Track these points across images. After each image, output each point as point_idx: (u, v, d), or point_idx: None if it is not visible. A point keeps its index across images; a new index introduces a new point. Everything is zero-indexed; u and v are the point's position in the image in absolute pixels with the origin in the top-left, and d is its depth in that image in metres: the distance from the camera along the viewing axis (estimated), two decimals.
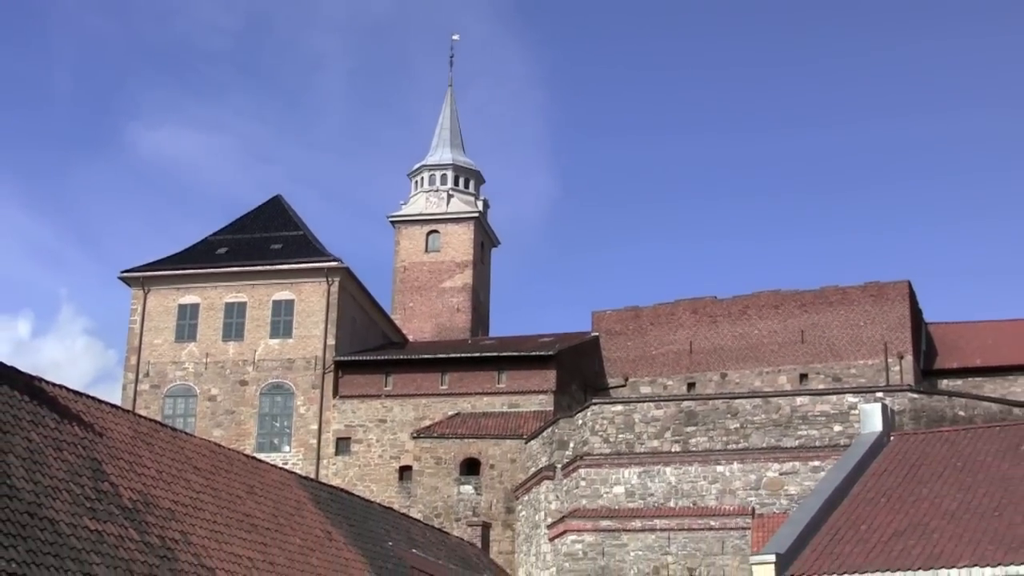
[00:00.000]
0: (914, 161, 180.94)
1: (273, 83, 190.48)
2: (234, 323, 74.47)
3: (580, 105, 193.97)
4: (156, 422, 29.85)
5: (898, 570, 27.99)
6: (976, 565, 27.27)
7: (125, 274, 76.35)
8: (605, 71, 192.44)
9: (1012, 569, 26.79)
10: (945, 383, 72.16)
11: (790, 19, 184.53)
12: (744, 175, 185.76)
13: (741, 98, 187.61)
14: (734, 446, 55.81)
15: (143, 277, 75.92)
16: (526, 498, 63.63)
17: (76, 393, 25.67)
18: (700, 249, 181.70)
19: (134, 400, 72.19)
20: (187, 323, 74.88)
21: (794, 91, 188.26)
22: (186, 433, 31.03)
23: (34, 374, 24.57)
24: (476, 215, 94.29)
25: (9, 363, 24.01)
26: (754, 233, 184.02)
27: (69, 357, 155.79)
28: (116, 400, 60.46)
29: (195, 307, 75.05)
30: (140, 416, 29.41)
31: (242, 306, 74.66)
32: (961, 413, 54.72)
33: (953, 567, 27.47)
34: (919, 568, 27.83)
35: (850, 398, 55.22)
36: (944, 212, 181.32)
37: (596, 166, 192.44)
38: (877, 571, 28.18)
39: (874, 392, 55.74)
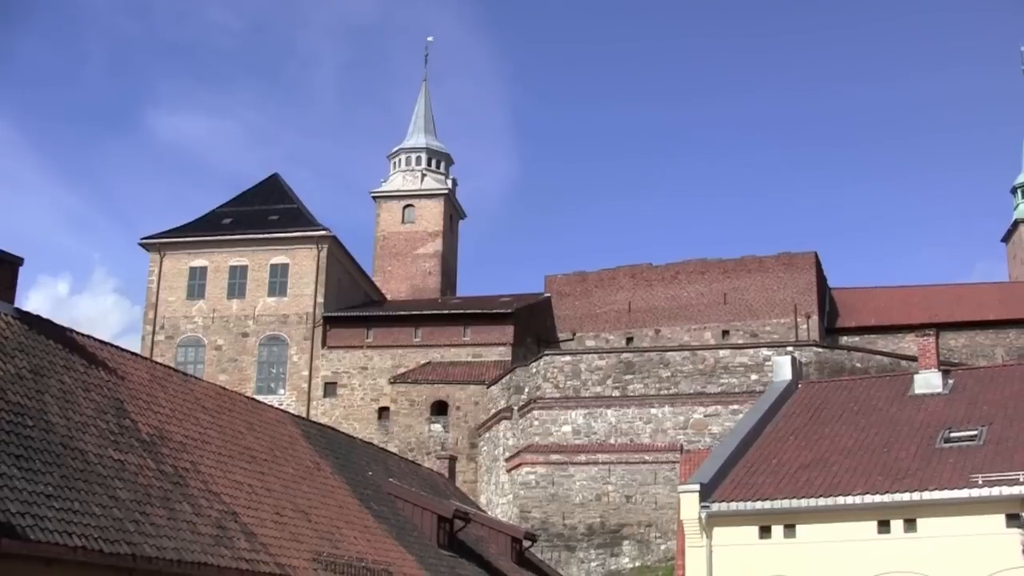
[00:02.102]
0: (819, 134, 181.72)
1: (273, 77, 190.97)
2: (237, 283, 74.38)
3: (538, 99, 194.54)
4: (170, 368, 29.82)
5: (803, 497, 28.23)
6: (868, 493, 27.56)
7: (144, 240, 76.22)
8: (560, 68, 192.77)
9: (898, 496, 27.10)
10: (845, 339, 72.65)
11: None
12: (678, 146, 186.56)
13: (679, 69, 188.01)
14: (666, 392, 56.13)
15: (159, 243, 75.80)
16: (487, 435, 63.85)
17: (101, 342, 25.64)
18: (638, 217, 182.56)
19: (151, 349, 72.04)
20: (197, 283, 74.74)
21: (725, 62, 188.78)
22: (195, 378, 30.97)
23: (67, 326, 24.59)
24: (446, 192, 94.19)
25: (49, 317, 24.10)
26: (685, 200, 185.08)
27: (101, 313, 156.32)
28: (136, 349, 60.37)
29: (204, 269, 74.90)
30: (156, 363, 29.36)
31: (244, 269, 74.54)
32: (858, 365, 55.23)
33: (849, 495, 27.73)
34: (820, 496, 28.09)
35: (765, 351, 55.63)
36: (849, 184, 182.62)
37: (551, 150, 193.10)
38: (786, 498, 28.41)
39: (785, 347, 56.20)
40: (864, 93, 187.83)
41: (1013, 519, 25.85)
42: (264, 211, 77.91)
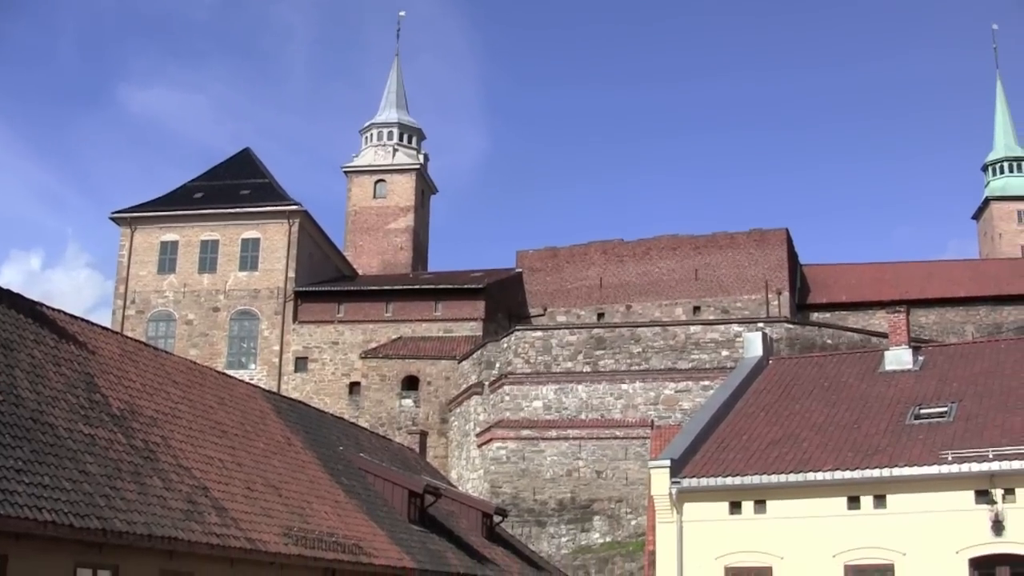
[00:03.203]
0: (791, 114, 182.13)
1: (245, 51, 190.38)
2: (208, 258, 74.13)
3: (509, 74, 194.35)
4: (141, 342, 29.72)
5: (773, 473, 28.33)
6: (838, 469, 27.67)
7: (115, 215, 75.86)
8: (532, 46, 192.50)
9: (867, 472, 27.21)
10: (816, 316, 72.98)
11: None
12: (651, 124, 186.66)
13: (652, 49, 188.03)
14: (637, 367, 56.22)
15: (130, 217, 75.44)
16: (458, 410, 63.88)
17: (72, 317, 25.56)
18: (610, 195, 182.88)
19: (122, 323, 71.89)
20: (168, 257, 74.45)
21: (699, 43, 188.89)
22: (166, 352, 30.90)
23: (37, 300, 24.49)
24: (417, 167, 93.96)
25: (21, 292, 23.99)
26: (656, 177, 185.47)
27: (74, 287, 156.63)
28: (107, 323, 60.15)
29: (175, 244, 74.62)
30: (127, 337, 29.28)
31: (215, 243, 74.29)
32: (828, 341, 55.44)
33: (819, 471, 27.84)
34: (791, 472, 28.19)
35: (736, 327, 55.75)
36: (822, 164, 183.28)
37: (522, 125, 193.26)
38: (756, 474, 28.51)
39: (756, 323, 56.36)
40: (837, 73, 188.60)
41: (982, 495, 26.02)
42: (235, 185, 77.62)
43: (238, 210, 74.70)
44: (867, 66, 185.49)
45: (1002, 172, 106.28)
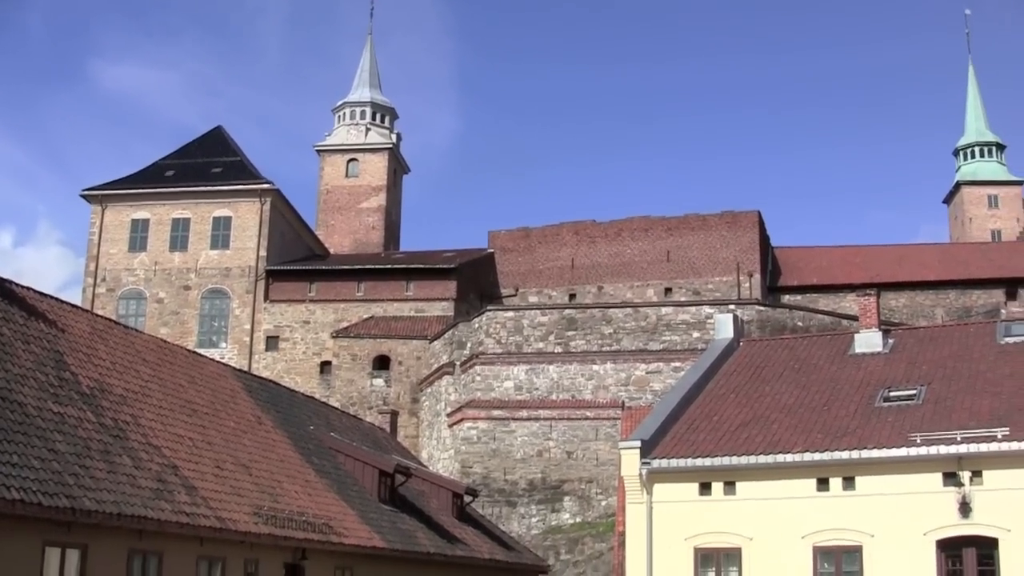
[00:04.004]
0: (764, 98, 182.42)
1: (219, 28, 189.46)
2: (179, 236, 73.96)
3: (483, 54, 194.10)
4: (111, 320, 29.60)
5: (743, 455, 28.38)
6: (807, 451, 27.74)
7: (86, 192, 75.60)
8: (506, 26, 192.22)
9: (836, 454, 27.30)
10: (787, 298, 73.11)
11: None
12: (624, 106, 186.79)
13: (625, 31, 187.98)
14: (608, 348, 56.33)
15: (101, 195, 75.19)
16: (429, 390, 63.90)
17: (41, 294, 25.41)
18: (582, 176, 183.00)
19: (92, 301, 71.69)
20: (139, 235, 74.24)
21: (672, 26, 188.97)
22: (136, 330, 30.75)
23: (7, 277, 24.33)
24: (390, 146, 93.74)
25: None
26: (629, 159, 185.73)
27: (45, 265, 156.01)
28: (77, 301, 59.88)
29: (146, 222, 74.41)
30: (97, 315, 29.13)
31: (186, 221, 74.10)
32: (799, 323, 55.64)
33: (789, 452, 27.91)
34: (760, 453, 28.25)
35: (707, 309, 55.91)
36: (797, 148, 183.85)
37: (496, 105, 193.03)
38: (726, 455, 28.56)
39: (727, 304, 56.50)
40: (811, 58, 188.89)
41: (950, 478, 26.16)
42: (207, 164, 77.38)
43: (210, 188, 74.52)
44: (841, 50, 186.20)
45: (973, 157, 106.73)
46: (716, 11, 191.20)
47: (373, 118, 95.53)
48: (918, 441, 26.57)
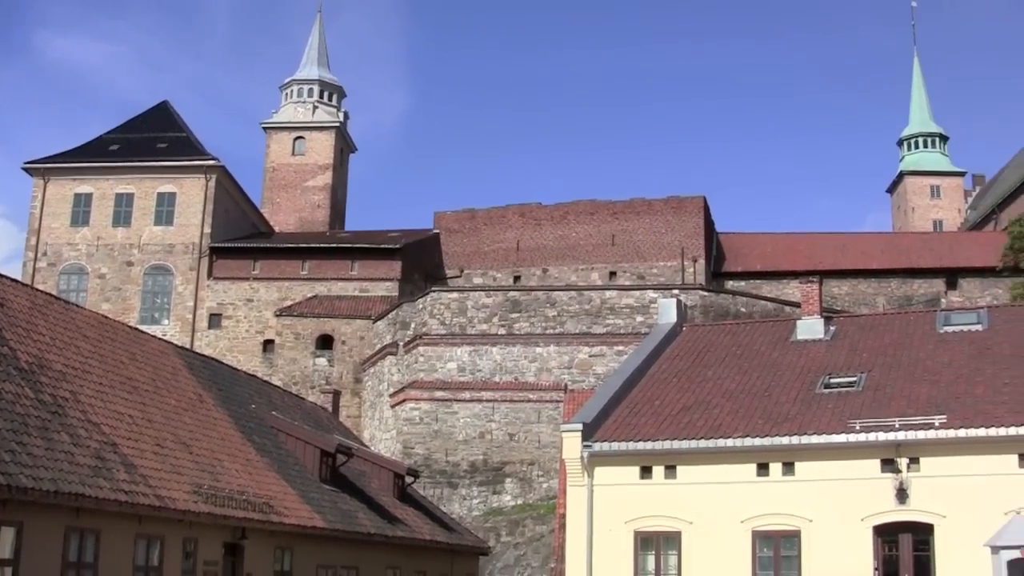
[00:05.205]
0: (711, 85, 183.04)
1: (168, 1, 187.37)
2: (123, 211, 73.38)
3: (432, 35, 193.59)
4: (51, 295, 29.27)
5: (685, 439, 28.50)
6: (748, 436, 27.91)
7: (28, 165, 74.83)
8: (455, 7, 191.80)
9: (776, 439, 27.48)
10: (730, 284, 73.44)
11: None
12: (572, 91, 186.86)
13: (573, 17, 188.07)
14: (551, 331, 56.41)
15: (44, 168, 74.44)
16: (372, 370, 63.77)
17: None
18: (528, 159, 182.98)
19: (33, 276, 70.96)
20: (81, 210, 73.60)
21: (620, 12, 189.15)
22: (77, 306, 30.45)
23: None
24: (337, 125, 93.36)
25: None
26: (576, 143, 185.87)
27: None
28: (18, 276, 59.26)
29: (89, 196, 73.76)
30: (37, 290, 28.80)
31: (130, 196, 73.53)
32: (742, 309, 55.93)
33: (730, 437, 28.06)
34: (702, 437, 28.38)
35: (651, 293, 56.08)
36: (738, 133, 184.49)
37: (444, 85, 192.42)
38: (667, 439, 28.66)
39: (671, 289, 56.69)
40: (758, 46, 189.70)
41: (888, 464, 26.41)
42: (152, 139, 76.79)
43: (154, 164, 73.98)
44: (788, 39, 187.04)
45: (916, 147, 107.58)
46: None
47: (321, 96, 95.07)
48: (857, 428, 26.79)
